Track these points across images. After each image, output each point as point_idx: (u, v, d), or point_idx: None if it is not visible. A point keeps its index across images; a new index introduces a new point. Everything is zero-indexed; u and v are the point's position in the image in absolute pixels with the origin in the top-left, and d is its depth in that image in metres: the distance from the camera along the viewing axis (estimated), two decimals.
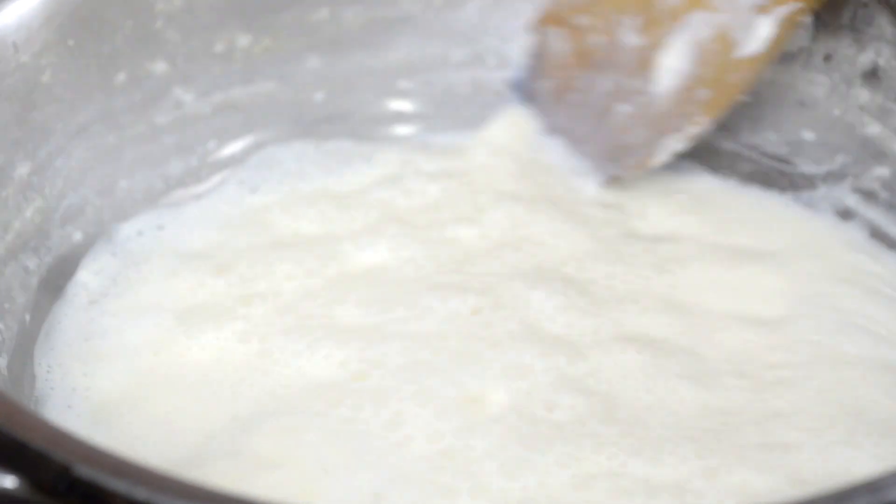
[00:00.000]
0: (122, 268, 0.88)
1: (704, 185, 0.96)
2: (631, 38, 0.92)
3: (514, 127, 0.97)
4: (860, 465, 0.73)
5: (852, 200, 0.92)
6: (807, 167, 0.94)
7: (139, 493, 0.59)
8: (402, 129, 1.00)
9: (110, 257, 0.89)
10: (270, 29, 0.96)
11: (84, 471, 0.59)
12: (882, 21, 0.90)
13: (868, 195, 0.92)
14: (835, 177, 0.93)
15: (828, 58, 0.93)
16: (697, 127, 0.92)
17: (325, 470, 0.73)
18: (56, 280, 0.85)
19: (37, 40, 0.85)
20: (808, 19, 0.92)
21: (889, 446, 0.75)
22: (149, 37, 0.92)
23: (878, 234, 0.92)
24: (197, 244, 0.91)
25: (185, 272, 0.87)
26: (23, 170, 0.84)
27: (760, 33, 0.88)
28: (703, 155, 0.96)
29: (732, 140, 0.96)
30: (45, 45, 0.86)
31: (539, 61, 0.97)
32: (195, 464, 0.74)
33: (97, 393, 0.81)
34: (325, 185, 0.94)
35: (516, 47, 0.99)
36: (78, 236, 0.88)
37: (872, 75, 0.91)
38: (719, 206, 0.95)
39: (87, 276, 0.87)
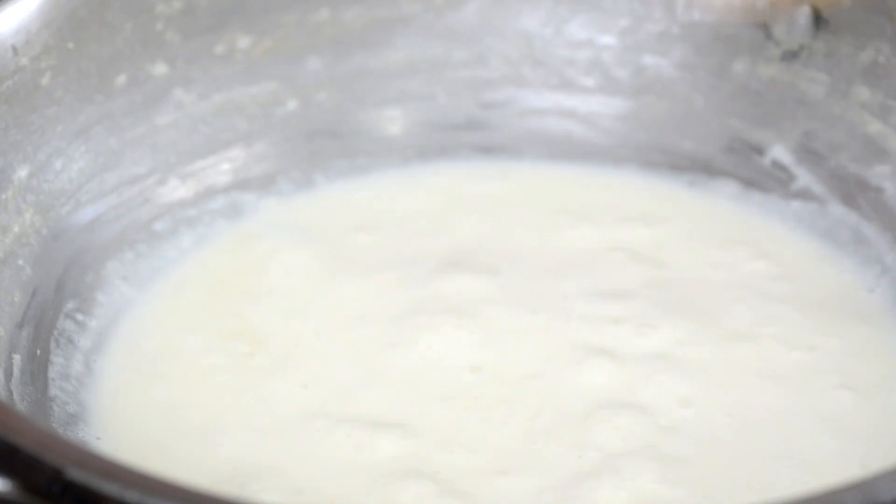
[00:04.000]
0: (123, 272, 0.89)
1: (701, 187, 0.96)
2: None
3: None
4: None
5: (853, 199, 0.92)
6: (807, 166, 0.94)
7: (130, 496, 0.58)
8: (403, 130, 0.99)
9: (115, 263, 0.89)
10: (271, 30, 0.96)
11: (76, 474, 0.59)
12: (882, 19, 0.90)
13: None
14: (835, 175, 0.93)
15: (828, 55, 0.93)
16: None
17: None
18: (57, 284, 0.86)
19: (36, 43, 0.85)
20: (808, 18, 0.92)
21: None
22: (149, 39, 0.92)
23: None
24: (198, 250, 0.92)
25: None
26: (22, 172, 0.84)
27: None
28: (704, 156, 0.96)
29: (733, 139, 0.96)
30: (44, 48, 0.86)
31: None
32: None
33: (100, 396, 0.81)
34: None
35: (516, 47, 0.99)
36: (78, 240, 0.88)
37: (873, 73, 0.91)
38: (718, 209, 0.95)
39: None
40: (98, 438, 0.78)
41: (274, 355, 0.83)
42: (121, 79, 0.91)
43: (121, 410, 0.80)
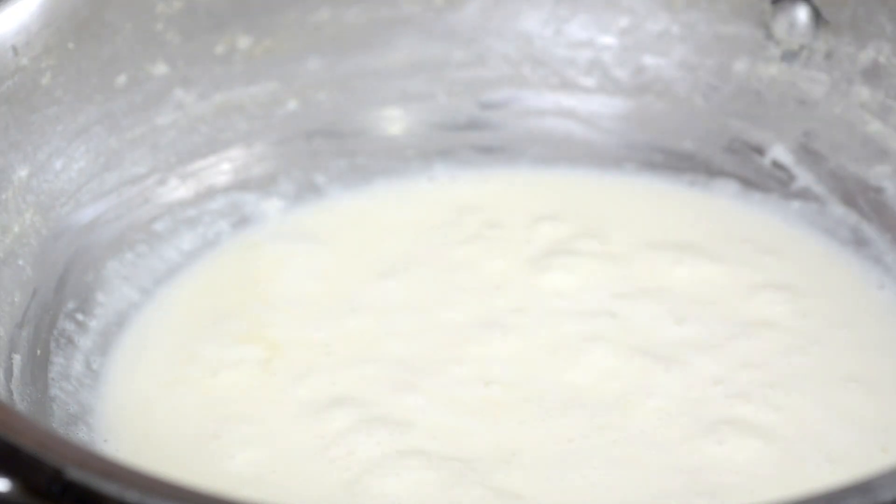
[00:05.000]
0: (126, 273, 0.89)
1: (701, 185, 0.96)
2: None
3: None
4: None
5: (853, 199, 0.92)
6: (807, 166, 0.94)
7: (131, 495, 0.58)
8: (403, 130, 0.99)
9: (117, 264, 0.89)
10: (271, 30, 0.96)
11: (76, 474, 0.59)
12: (882, 18, 0.90)
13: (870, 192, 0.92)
14: (835, 175, 0.93)
15: (828, 55, 0.93)
16: None
17: None
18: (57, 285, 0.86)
19: (36, 43, 0.85)
20: (808, 17, 0.92)
21: None
22: (149, 39, 0.92)
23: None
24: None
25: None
26: (22, 172, 0.84)
27: None
28: (704, 156, 0.96)
29: (733, 139, 0.96)
30: (44, 48, 0.86)
31: None
32: None
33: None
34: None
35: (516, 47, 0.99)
36: (78, 240, 0.88)
37: (873, 73, 0.91)
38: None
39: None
40: (105, 441, 0.79)
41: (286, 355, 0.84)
42: (121, 79, 0.91)
43: (128, 414, 0.80)
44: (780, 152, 0.95)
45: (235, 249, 0.92)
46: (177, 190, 0.94)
